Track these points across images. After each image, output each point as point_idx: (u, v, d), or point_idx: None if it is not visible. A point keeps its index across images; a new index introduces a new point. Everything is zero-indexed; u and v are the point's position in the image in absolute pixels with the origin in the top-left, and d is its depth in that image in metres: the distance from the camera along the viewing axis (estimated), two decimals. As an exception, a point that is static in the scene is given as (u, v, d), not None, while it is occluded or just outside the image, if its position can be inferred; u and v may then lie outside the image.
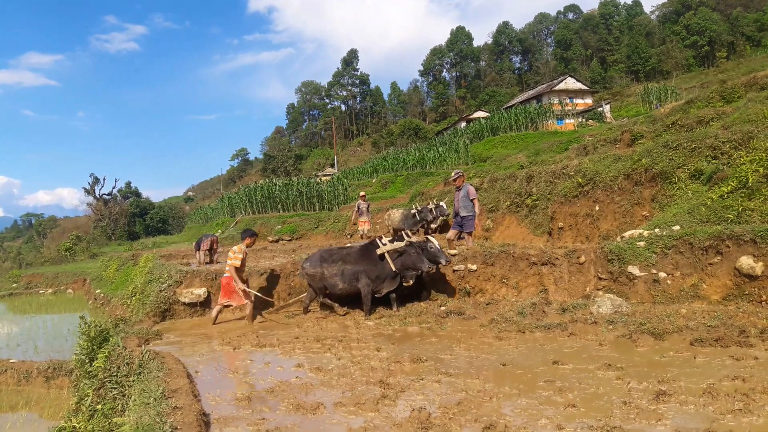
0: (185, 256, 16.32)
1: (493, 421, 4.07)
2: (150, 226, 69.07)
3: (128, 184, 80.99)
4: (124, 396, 5.79)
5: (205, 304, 10.22)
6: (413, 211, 17.02)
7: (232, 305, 9.51)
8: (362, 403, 4.67)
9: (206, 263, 13.22)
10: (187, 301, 10.12)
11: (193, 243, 15.12)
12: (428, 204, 17.10)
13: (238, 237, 26.73)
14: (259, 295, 9.77)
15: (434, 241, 9.01)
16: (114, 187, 65.88)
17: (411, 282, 9.04)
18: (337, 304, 9.32)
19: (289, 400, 4.93)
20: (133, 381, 5.83)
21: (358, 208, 18.53)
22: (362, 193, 19.46)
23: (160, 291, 10.21)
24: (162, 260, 13.78)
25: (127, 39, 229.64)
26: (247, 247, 9.82)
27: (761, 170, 8.63)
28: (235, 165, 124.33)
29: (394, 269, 8.86)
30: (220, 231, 28.99)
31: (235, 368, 6.27)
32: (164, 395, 4.80)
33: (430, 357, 6.15)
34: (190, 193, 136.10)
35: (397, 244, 8.93)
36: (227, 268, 9.41)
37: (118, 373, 6.25)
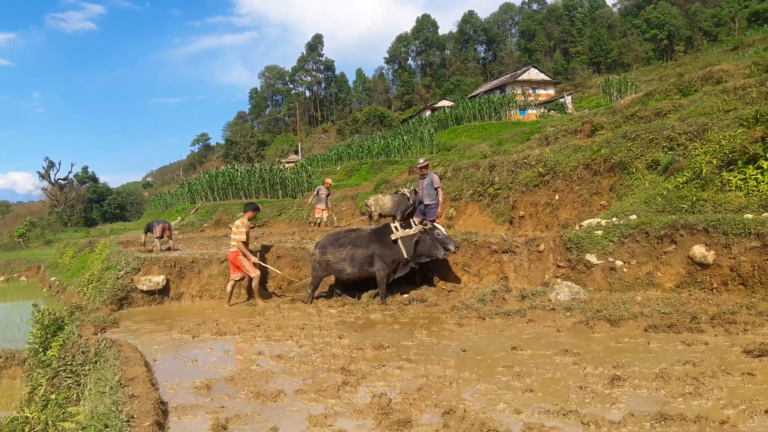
0: (144, 242, 15.97)
1: (452, 406, 4.12)
2: (108, 213, 67.39)
3: (85, 168, 78.99)
4: (79, 385, 5.65)
5: (164, 291, 10.04)
6: (406, 193, 16.40)
7: (243, 279, 9.72)
8: (323, 390, 4.66)
9: (164, 250, 12.94)
10: (145, 288, 9.92)
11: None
12: (401, 190, 17.00)
13: (198, 224, 26.37)
14: (271, 268, 10.04)
15: (441, 227, 8.95)
16: (70, 172, 64.28)
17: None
18: (312, 301, 9.13)
19: (249, 388, 4.90)
20: (89, 370, 5.70)
21: (317, 193, 18.13)
22: (328, 180, 19.06)
23: (118, 278, 9.98)
24: (120, 247, 13.46)
25: (84, 18, 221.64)
26: (248, 220, 9.92)
27: (714, 161, 8.89)
28: (196, 150, 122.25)
29: (406, 256, 8.78)
30: (179, 218, 28.46)
31: (194, 356, 6.18)
32: (121, 384, 4.70)
33: (392, 344, 6.18)
34: (149, 179, 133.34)
35: (410, 230, 8.85)
36: (233, 243, 9.59)
37: (73, 362, 6.10)
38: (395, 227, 8.98)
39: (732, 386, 4.16)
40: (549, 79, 64.89)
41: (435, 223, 9.11)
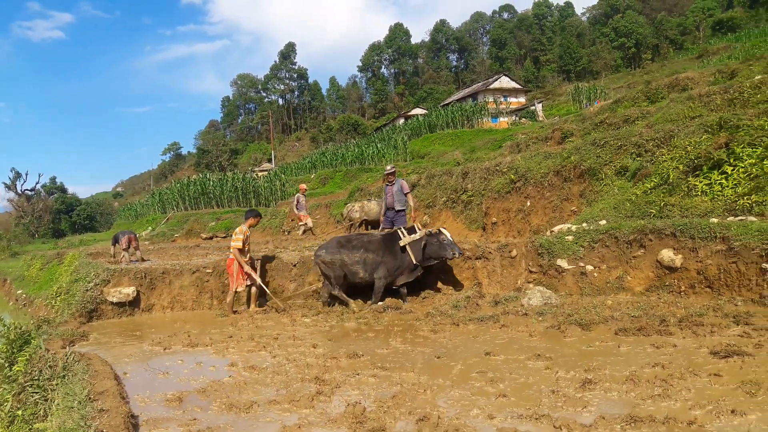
0: (114, 255, 15.70)
1: (426, 413, 4.12)
2: (77, 223, 65.95)
3: (53, 179, 77.42)
4: (46, 401, 5.50)
5: (135, 303, 9.87)
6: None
7: (251, 286, 9.61)
8: (297, 400, 4.63)
9: (132, 261, 12.73)
10: (115, 300, 9.74)
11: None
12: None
13: (169, 234, 26.03)
14: (260, 282, 9.74)
15: (446, 232, 8.93)
16: (37, 182, 62.91)
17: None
18: (351, 301, 8.92)
19: (222, 399, 4.84)
20: (57, 384, 5.56)
21: (298, 201, 18.06)
22: (303, 186, 18.96)
23: (87, 290, 9.78)
24: (89, 258, 13.20)
25: (52, 27, 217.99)
26: (249, 227, 9.82)
27: (681, 167, 9.10)
28: (167, 159, 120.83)
29: (414, 261, 8.74)
30: (150, 228, 28.07)
31: (165, 368, 6.08)
32: (90, 398, 4.60)
33: (367, 352, 6.16)
34: (119, 189, 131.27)
35: (416, 235, 8.81)
36: (231, 251, 9.49)
37: (41, 377, 5.94)
38: (402, 233, 8.94)
39: (699, 387, 4.24)
40: (520, 87, 65.67)
41: (441, 228, 9.10)
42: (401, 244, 8.79)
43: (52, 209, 63.90)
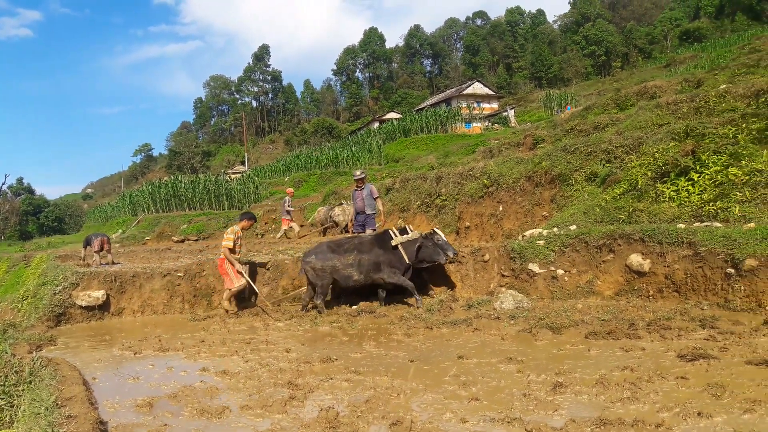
0: (83, 257, 15.39)
1: (400, 417, 4.13)
2: (44, 225, 64.68)
3: (20, 180, 75.93)
4: (12, 407, 5.37)
5: (104, 307, 9.68)
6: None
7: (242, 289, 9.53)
8: (269, 405, 4.60)
9: (103, 264, 12.49)
10: (84, 304, 9.54)
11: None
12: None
13: (140, 237, 25.62)
14: (253, 285, 9.67)
15: (441, 233, 8.85)
16: (3, 183, 61.10)
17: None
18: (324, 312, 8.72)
19: (193, 404, 4.78)
20: (23, 390, 5.42)
21: (286, 204, 18.04)
22: (290, 189, 18.93)
23: (55, 294, 9.56)
24: (57, 261, 12.91)
25: (19, 25, 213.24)
26: (242, 229, 9.83)
27: (649, 173, 9.29)
28: (138, 161, 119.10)
29: (408, 262, 8.62)
30: (120, 230, 27.57)
31: (135, 373, 5.99)
32: (57, 404, 4.51)
33: (340, 356, 6.15)
34: (88, 191, 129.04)
35: (409, 236, 8.70)
36: (222, 250, 9.51)
37: (6, 383, 5.79)
38: (394, 233, 8.82)
39: (667, 390, 4.33)
40: (493, 93, 66.33)
41: (436, 229, 9.04)
42: (393, 243, 8.67)
43: (18, 211, 62.48)
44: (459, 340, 6.56)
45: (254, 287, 9.73)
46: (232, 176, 42.10)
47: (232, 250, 9.44)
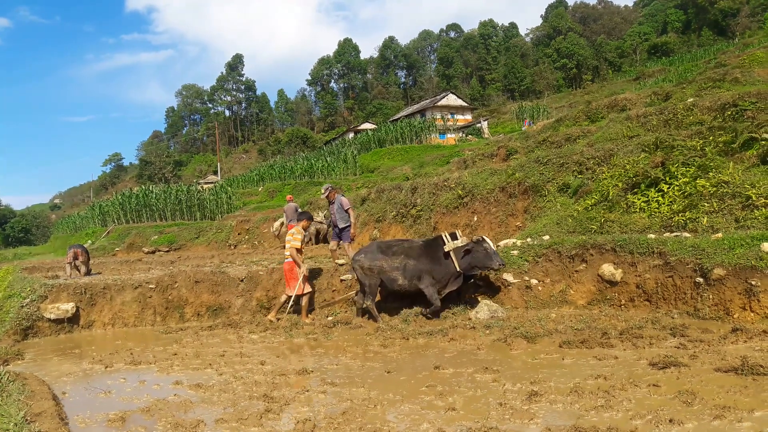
0: (51, 268, 15.06)
1: (377, 428, 4.12)
2: (10, 236, 63.15)
3: (-16, 189, 73.76)
4: (-24, 424, 5.22)
5: (74, 320, 9.46)
6: None
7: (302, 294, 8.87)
8: (245, 419, 4.54)
9: (73, 278, 12.22)
10: (53, 317, 9.30)
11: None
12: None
13: (110, 248, 25.16)
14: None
15: (489, 241, 8.47)
16: (-34, 193, 59.59)
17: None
18: (380, 319, 8.42)
19: (167, 419, 4.69)
20: (-12, 406, 5.27)
21: (297, 209, 17.75)
22: (290, 196, 18.70)
23: (22, 307, 9.30)
24: (24, 273, 12.60)
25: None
26: (304, 229, 9.43)
27: (620, 185, 9.47)
28: (108, 171, 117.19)
29: (458, 269, 8.29)
30: (90, 241, 27.03)
31: (107, 387, 5.86)
32: (26, 420, 4.39)
33: (316, 368, 6.12)
34: (56, 201, 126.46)
35: (459, 242, 8.33)
36: (287, 253, 8.90)
37: (-30, 399, 5.63)
38: (446, 238, 8.48)
39: (639, 397, 4.40)
40: (466, 104, 67.02)
41: (484, 236, 8.65)
42: (446, 249, 8.33)
43: (-18, 221, 60.81)
44: (435, 350, 6.57)
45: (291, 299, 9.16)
46: (205, 186, 41.61)
47: (299, 251, 8.99)
